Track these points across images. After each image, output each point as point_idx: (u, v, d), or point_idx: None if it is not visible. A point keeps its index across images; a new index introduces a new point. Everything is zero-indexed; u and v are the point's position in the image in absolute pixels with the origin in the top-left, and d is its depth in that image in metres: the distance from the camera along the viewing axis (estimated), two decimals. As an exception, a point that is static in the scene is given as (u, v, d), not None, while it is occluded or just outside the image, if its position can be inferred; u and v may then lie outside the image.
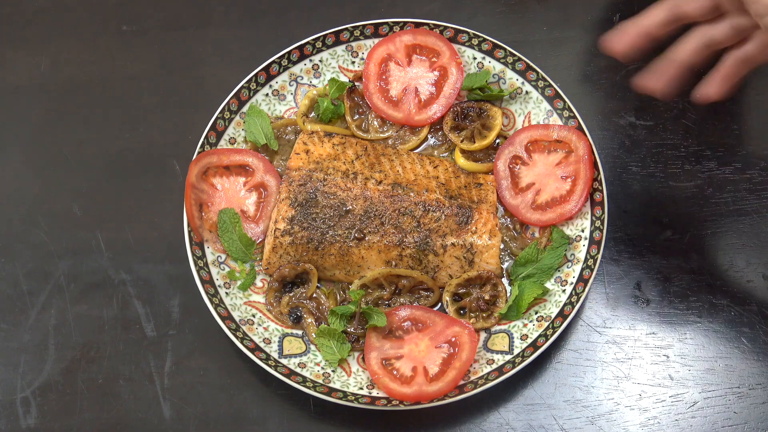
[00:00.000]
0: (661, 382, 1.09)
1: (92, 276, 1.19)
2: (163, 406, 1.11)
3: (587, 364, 1.11)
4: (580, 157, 1.13)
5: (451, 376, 1.04)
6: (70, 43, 1.35)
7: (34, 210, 1.24)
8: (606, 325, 1.13)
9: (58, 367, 1.14)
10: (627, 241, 1.17)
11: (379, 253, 1.11)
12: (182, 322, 1.16)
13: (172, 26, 1.35)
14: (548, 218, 1.14)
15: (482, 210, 1.13)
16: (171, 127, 1.28)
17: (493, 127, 1.20)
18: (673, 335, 1.12)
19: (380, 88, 1.22)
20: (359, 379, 1.08)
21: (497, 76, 1.22)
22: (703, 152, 1.21)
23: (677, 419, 1.07)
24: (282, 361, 1.08)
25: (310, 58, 1.23)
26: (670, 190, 1.20)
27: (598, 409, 1.08)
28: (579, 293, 1.08)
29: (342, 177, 1.14)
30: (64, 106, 1.30)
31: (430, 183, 1.14)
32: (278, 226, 1.12)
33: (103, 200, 1.24)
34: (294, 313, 1.12)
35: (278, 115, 1.23)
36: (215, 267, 1.13)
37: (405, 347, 1.08)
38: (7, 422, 1.11)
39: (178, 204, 1.19)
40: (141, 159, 1.26)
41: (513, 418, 1.08)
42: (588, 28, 1.31)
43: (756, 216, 1.17)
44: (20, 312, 1.17)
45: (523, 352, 1.06)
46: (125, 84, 1.31)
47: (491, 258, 1.12)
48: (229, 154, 1.18)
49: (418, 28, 1.23)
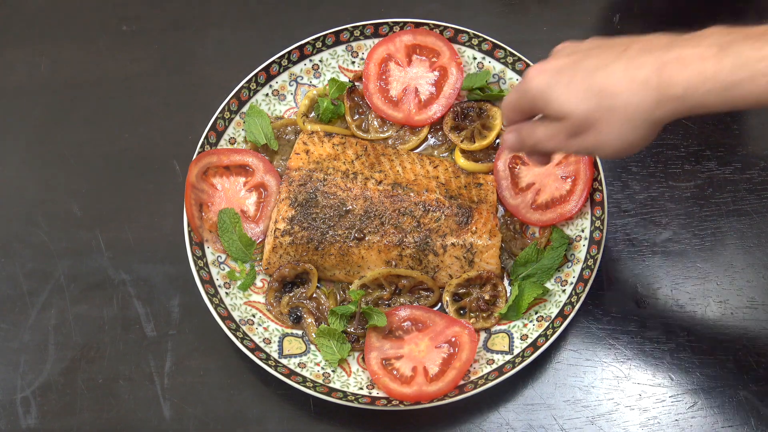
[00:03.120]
0: (661, 382, 1.09)
1: (92, 276, 1.19)
2: (163, 406, 1.11)
3: (587, 364, 1.11)
4: (580, 157, 1.13)
5: (451, 376, 1.04)
6: (70, 43, 1.35)
7: (34, 210, 1.23)
8: (606, 325, 1.13)
9: (58, 367, 1.14)
10: (627, 241, 1.17)
11: (379, 253, 1.11)
12: (182, 322, 1.16)
13: (172, 26, 1.35)
14: (548, 218, 1.14)
15: (482, 210, 1.13)
16: (171, 127, 1.28)
17: (493, 127, 1.20)
18: (673, 335, 1.12)
19: (380, 88, 1.22)
20: (359, 379, 1.08)
21: (497, 76, 1.22)
22: (703, 152, 1.21)
23: (677, 419, 1.07)
24: (282, 361, 1.08)
25: (310, 58, 1.23)
26: (670, 190, 1.20)
27: (598, 409, 1.08)
28: (579, 293, 1.08)
29: (342, 177, 1.14)
30: (64, 106, 1.30)
31: (430, 183, 1.14)
32: (278, 226, 1.12)
33: (103, 200, 1.24)
34: (294, 313, 1.12)
35: (278, 115, 1.23)
36: (215, 267, 1.13)
37: (405, 347, 1.08)
38: (7, 422, 1.11)
39: (178, 204, 1.19)
40: (141, 159, 1.26)
41: (513, 418, 1.08)
42: (588, 28, 1.31)
43: (756, 216, 1.17)
44: (20, 312, 1.17)
45: (523, 352, 1.06)
46: (125, 84, 1.31)
47: (491, 258, 1.12)
48: (229, 154, 1.18)
49: (418, 28, 1.23)
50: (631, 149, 0.84)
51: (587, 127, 0.83)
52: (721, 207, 1.18)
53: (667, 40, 0.80)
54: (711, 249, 1.16)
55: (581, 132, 0.84)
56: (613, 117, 0.81)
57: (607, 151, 0.84)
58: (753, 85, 0.74)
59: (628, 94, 0.79)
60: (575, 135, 0.85)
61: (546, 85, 0.84)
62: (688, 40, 0.78)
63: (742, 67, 0.74)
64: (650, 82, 0.78)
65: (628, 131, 0.81)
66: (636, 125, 0.81)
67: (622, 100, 0.80)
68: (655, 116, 0.80)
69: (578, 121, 0.83)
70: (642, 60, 0.79)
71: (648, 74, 0.78)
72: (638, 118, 0.80)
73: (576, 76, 0.82)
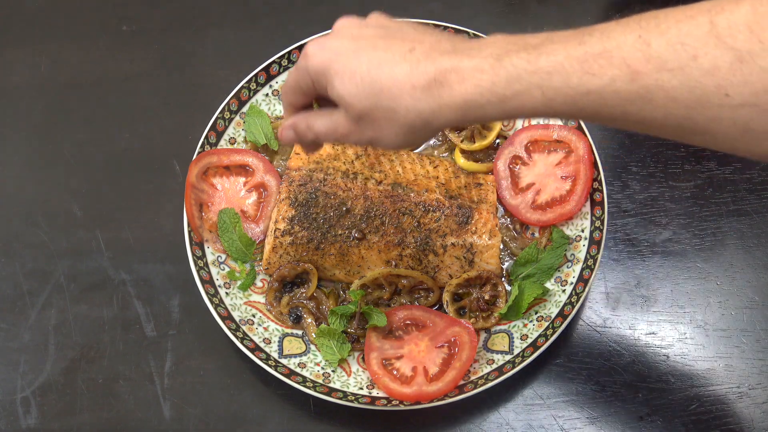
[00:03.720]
0: (661, 382, 1.09)
1: (92, 276, 1.19)
2: (163, 406, 1.11)
3: (587, 364, 1.11)
4: (580, 157, 1.13)
5: (451, 376, 1.04)
6: (70, 43, 1.35)
7: (34, 210, 1.24)
8: (606, 325, 1.13)
9: (58, 367, 1.14)
10: (627, 241, 1.17)
11: (379, 253, 1.11)
12: (182, 322, 1.16)
13: (172, 26, 1.35)
14: (548, 218, 1.14)
15: (482, 210, 1.13)
16: (171, 127, 1.28)
17: (493, 127, 1.20)
18: (673, 335, 1.12)
19: (380, 88, 1.22)
20: (359, 379, 1.08)
21: (497, 76, 1.22)
22: (703, 152, 1.21)
23: (677, 419, 1.07)
24: (282, 361, 1.08)
25: (310, 58, 1.23)
26: (670, 190, 1.20)
27: (598, 409, 1.08)
28: (579, 293, 1.08)
29: (342, 177, 1.14)
30: (64, 106, 1.30)
31: (430, 183, 1.14)
32: (278, 226, 1.12)
33: (103, 200, 1.24)
34: (294, 313, 1.12)
35: (278, 115, 1.23)
36: (215, 267, 1.13)
37: (405, 347, 1.08)
38: (7, 422, 1.11)
39: (178, 204, 1.19)
40: (141, 159, 1.26)
41: (513, 418, 1.08)
42: (588, 28, 1.31)
43: (756, 216, 1.17)
44: (20, 312, 1.17)
45: (523, 352, 1.06)
46: (125, 84, 1.31)
47: (491, 258, 1.12)
48: (229, 154, 1.18)
49: (418, 28, 1.23)
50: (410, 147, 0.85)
51: (366, 121, 0.82)
52: (721, 207, 1.18)
53: (450, 46, 0.79)
54: (711, 249, 1.16)
55: (360, 123, 0.83)
56: (392, 117, 0.80)
57: (384, 146, 0.84)
58: (528, 97, 0.74)
59: (409, 99, 0.79)
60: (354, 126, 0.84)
61: (328, 65, 0.82)
62: (469, 50, 0.78)
63: (517, 80, 0.74)
64: (431, 90, 0.78)
65: (406, 133, 0.81)
66: (414, 128, 0.81)
67: (403, 104, 0.79)
68: (433, 123, 0.80)
69: (357, 114, 0.82)
70: (425, 66, 0.78)
71: (429, 82, 0.78)
72: (417, 123, 0.80)
73: (360, 66, 0.80)
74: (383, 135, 0.83)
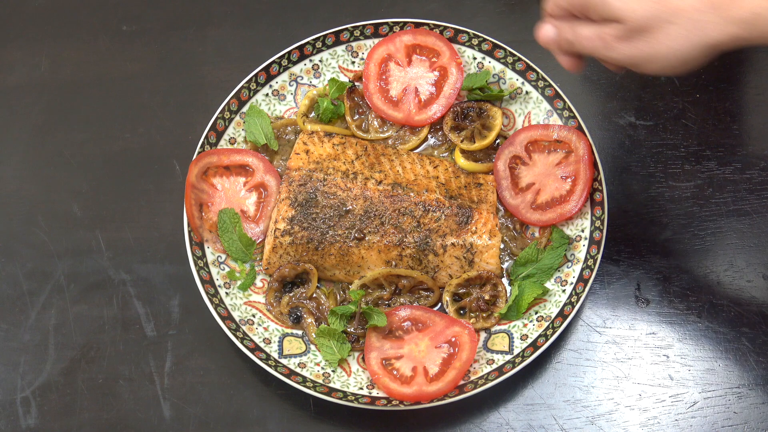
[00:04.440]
0: (661, 382, 1.09)
1: (92, 276, 1.19)
2: (163, 406, 1.11)
3: (587, 364, 1.11)
4: (580, 157, 1.13)
5: (451, 376, 1.04)
6: (70, 43, 1.35)
7: (34, 210, 1.23)
8: (606, 325, 1.13)
9: (58, 367, 1.14)
10: (627, 241, 1.17)
11: (379, 253, 1.11)
12: (182, 322, 1.16)
13: (172, 26, 1.35)
14: (548, 218, 1.14)
15: (482, 210, 1.13)
16: (171, 127, 1.28)
17: (493, 127, 1.20)
18: (673, 335, 1.12)
19: (380, 88, 1.22)
20: (359, 379, 1.08)
21: (497, 76, 1.22)
22: (703, 152, 1.21)
23: (677, 419, 1.07)
24: (282, 361, 1.08)
25: (310, 58, 1.23)
26: (670, 190, 1.20)
27: (598, 409, 1.09)
28: (579, 293, 1.08)
29: (342, 177, 1.14)
30: (64, 106, 1.30)
31: (430, 183, 1.14)
32: (278, 226, 1.12)
33: (103, 200, 1.24)
34: (294, 313, 1.12)
35: (278, 115, 1.23)
36: (215, 267, 1.13)
37: (405, 347, 1.08)
38: (7, 422, 1.11)
39: (178, 204, 1.19)
40: (141, 159, 1.26)
41: (513, 418, 1.08)
42: (588, 28, 1.31)
43: (756, 216, 1.17)
44: (20, 312, 1.17)
45: (523, 352, 1.06)
46: (125, 84, 1.31)
47: (491, 258, 1.12)
48: (229, 154, 1.18)
49: (418, 28, 1.23)
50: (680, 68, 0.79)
51: (641, 34, 0.79)
52: (721, 207, 1.18)
53: None
54: (711, 249, 1.16)
55: (633, 37, 0.80)
56: (672, 29, 0.77)
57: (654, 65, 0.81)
58: None
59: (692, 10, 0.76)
60: (625, 39, 0.81)
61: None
62: None
63: None
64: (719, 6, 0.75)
65: (684, 47, 0.78)
66: (693, 43, 0.78)
67: (685, 15, 0.77)
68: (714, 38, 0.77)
69: (634, 26, 0.79)
70: None
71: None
72: (697, 36, 0.77)
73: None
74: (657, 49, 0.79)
